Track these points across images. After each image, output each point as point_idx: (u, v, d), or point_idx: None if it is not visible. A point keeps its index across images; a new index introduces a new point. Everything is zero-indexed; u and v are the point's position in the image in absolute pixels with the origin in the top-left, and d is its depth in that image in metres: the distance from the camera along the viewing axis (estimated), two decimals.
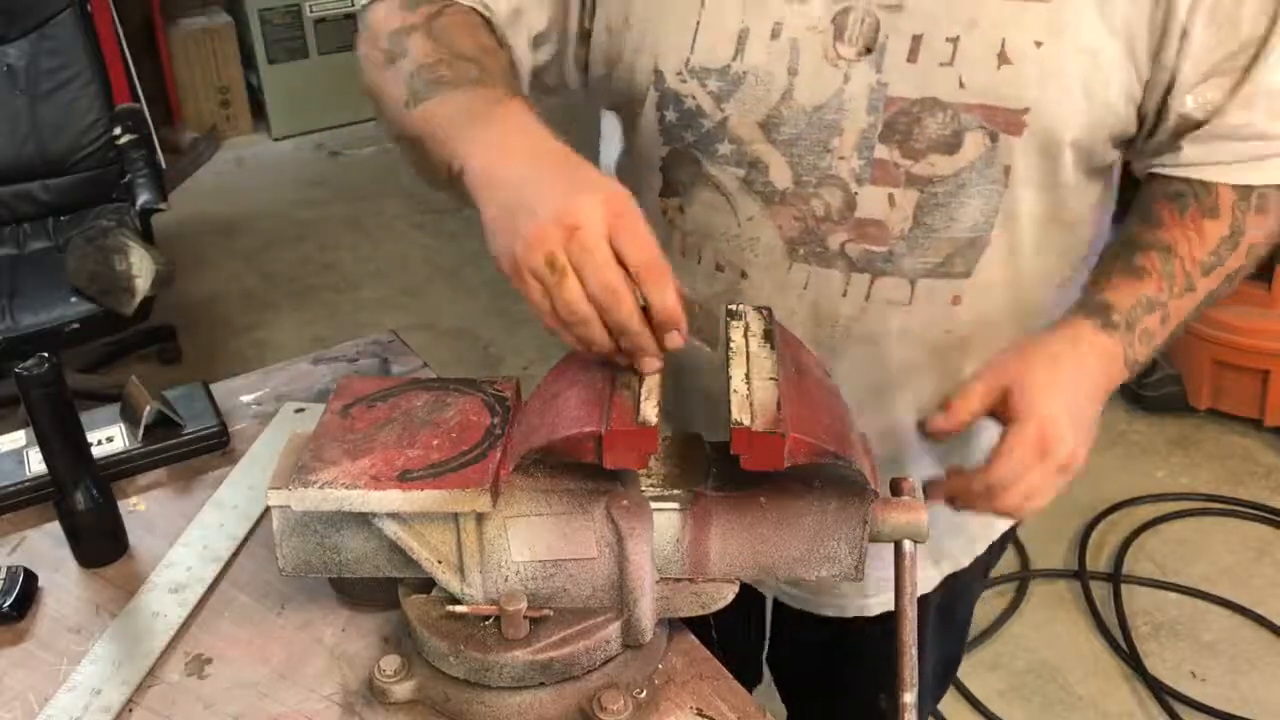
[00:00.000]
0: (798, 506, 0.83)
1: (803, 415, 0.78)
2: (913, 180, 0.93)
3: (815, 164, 0.94)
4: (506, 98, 0.84)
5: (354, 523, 0.84)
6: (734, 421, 0.76)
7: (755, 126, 0.95)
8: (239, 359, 3.31)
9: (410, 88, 0.87)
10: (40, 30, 3.05)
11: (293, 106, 4.64)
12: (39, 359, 0.94)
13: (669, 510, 0.83)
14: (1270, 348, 2.78)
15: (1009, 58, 0.88)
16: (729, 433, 0.76)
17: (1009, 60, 0.88)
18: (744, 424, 0.76)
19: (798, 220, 0.97)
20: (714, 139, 0.97)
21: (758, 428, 0.75)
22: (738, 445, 0.76)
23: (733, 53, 0.93)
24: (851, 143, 0.93)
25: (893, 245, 0.96)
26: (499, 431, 0.84)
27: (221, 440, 1.16)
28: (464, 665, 0.83)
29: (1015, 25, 0.88)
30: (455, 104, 0.84)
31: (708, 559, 0.84)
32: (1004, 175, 0.93)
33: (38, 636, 0.95)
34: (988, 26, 0.88)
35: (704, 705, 0.86)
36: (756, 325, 0.86)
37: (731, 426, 0.76)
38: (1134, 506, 2.67)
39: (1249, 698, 2.22)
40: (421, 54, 0.89)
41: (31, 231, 3.07)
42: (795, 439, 0.76)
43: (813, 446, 0.77)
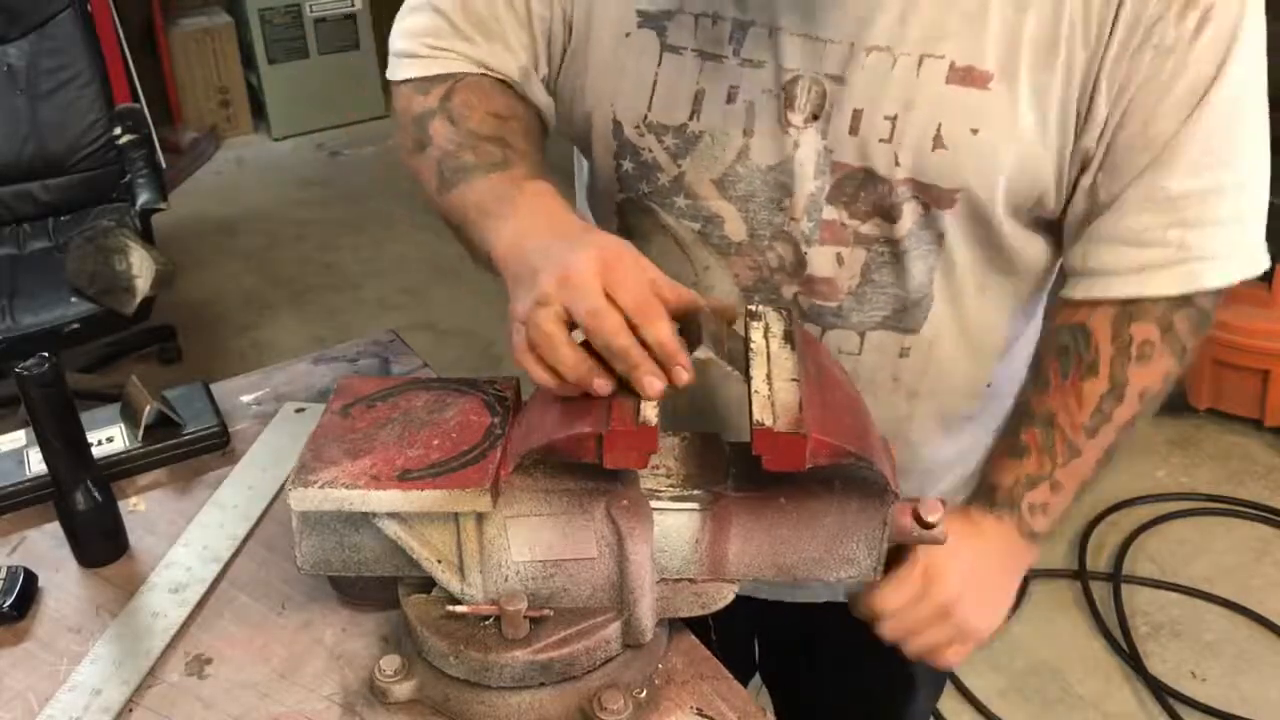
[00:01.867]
0: (818, 507, 0.83)
1: (824, 416, 0.78)
2: (860, 240, 0.96)
3: (769, 220, 0.97)
4: (526, 180, 0.89)
5: (372, 521, 0.84)
6: (756, 422, 0.76)
7: (710, 183, 0.97)
8: (239, 359, 3.31)
9: (439, 175, 0.94)
10: (40, 30, 3.05)
11: (293, 106, 4.64)
12: (39, 359, 0.94)
13: (689, 510, 0.83)
14: (1270, 348, 2.78)
15: (944, 143, 0.89)
16: (750, 433, 0.76)
17: (944, 145, 0.89)
18: (766, 424, 0.76)
19: (752, 270, 0.99)
20: (670, 192, 0.99)
21: (780, 428, 0.75)
22: (760, 446, 0.76)
23: (689, 113, 0.95)
24: (801, 205, 0.95)
25: (842, 300, 0.99)
26: (499, 431, 0.84)
27: (221, 440, 1.16)
28: (464, 665, 0.83)
29: (951, 111, 0.89)
30: (479, 192, 0.90)
31: (727, 560, 0.84)
32: (939, 239, 0.96)
33: (38, 636, 0.95)
34: (924, 110, 0.89)
35: (704, 705, 0.86)
36: (777, 326, 0.86)
37: (754, 427, 0.76)
38: (1134, 506, 2.67)
39: (1249, 698, 2.22)
40: (444, 140, 0.96)
41: (31, 231, 3.07)
42: (817, 440, 0.76)
43: (834, 447, 0.77)
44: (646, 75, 0.95)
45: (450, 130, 0.96)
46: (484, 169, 0.92)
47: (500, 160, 0.92)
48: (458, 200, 0.92)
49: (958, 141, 0.89)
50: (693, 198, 0.98)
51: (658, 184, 0.99)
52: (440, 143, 0.96)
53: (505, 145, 0.94)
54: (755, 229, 0.97)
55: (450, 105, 0.97)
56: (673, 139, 0.96)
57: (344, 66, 4.63)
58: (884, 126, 0.90)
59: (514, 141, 0.94)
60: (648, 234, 1.02)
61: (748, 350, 0.83)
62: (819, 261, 0.97)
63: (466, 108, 0.97)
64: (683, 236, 1.00)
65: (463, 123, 0.96)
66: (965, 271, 0.98)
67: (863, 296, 0.98)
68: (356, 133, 4.66)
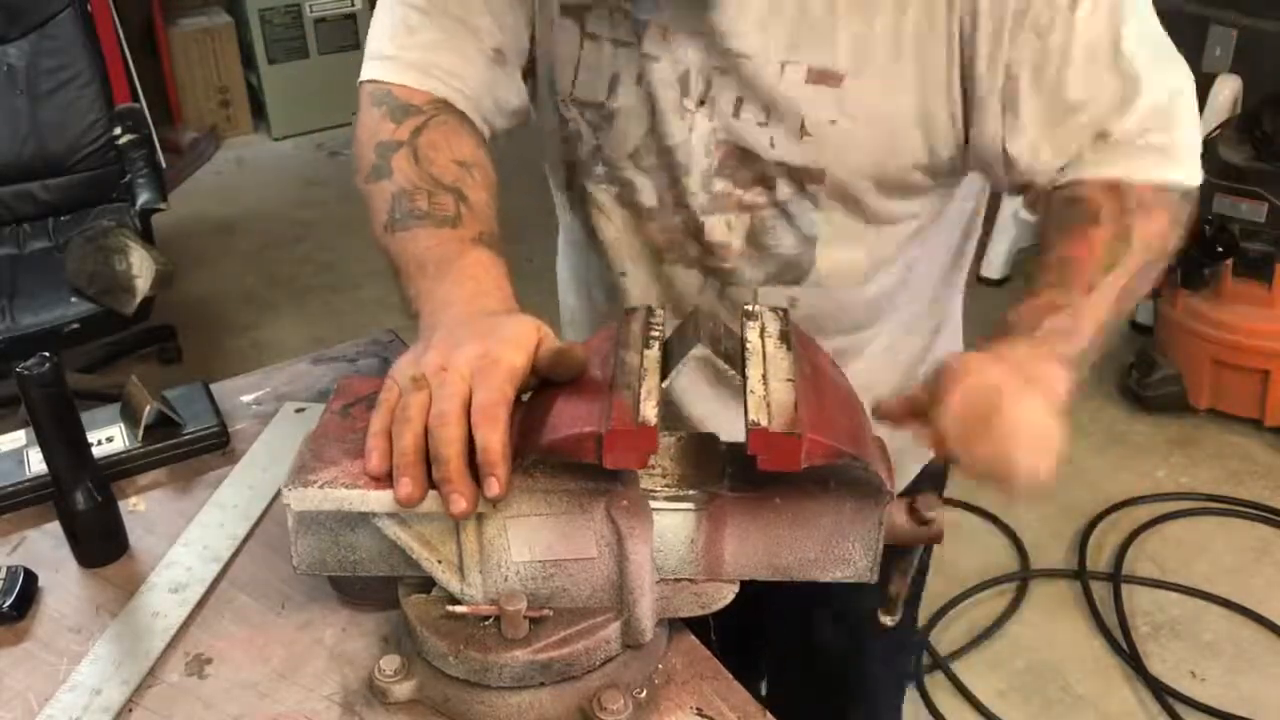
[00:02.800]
0: (813, 508, 0.82)
1: (819, 416, 0.78)
2: (744, 207, 1.08)
3: (671, 189, 1.09)
4: (468, 246, 0.94)
5: (368, 521, 0.84)
6: (751, 422, 0.76)
7: (626, 156, 1.09)
8: (239, 359, 3.31)
9: (390, 213, 0.97)
10: (40, 30, 3.05)
11: (293, 106, 4.65)
12: (39, 359, 0.94)
13: (684, 511, 0.83)
14: (1270, 348, 2.79)
15: (809, 131, 1.01)
16: (746, 433, 0.76)
17: (809, 133, 1.02)
18: (761, 424, 0.75)
19: (663, 233, 1.12)
20: (592, 161, 1.12)
21: (775, 428, 0.75)
22: (755, 446, 0.76)
23: (607, 93, 1.06)
24: (697, 180, 1.07)
25: (735, 262, 1.12)
26: None
27: (221, 440, 1.16)
28: (464, 665, 0.83)
29: (811, 106, 1.00)
30: (422, 245, 0.94)
31: (723, 560, 0.84)
32: (814, 205, 1.07)
33: (38, 636, 0.95)
34: (789, 105, 1.01)
35: (704, 705, 0.86)
36: (773, 326, 0.86)
37: (749, 427, 0.76)
38: (1134, 506, 2.67)
39: (1249, 698, 2.22)
40: (403, 178, 0.99)
41: (31, 231, 3.07)
42: (812, 440, 0.75)
43: (830, 448, 0.76)
44: (570, 57, 1.07)
45: (412, 169, 0.99)
46: (435, 221, 0.96)
47: (453, 216, 0.96)
48: (400, 245, 0.96)
49: (820, 131, 1.01)
50: (610, 165, 1.11)
51: (578, 154, 1.12)
52: (400, 179, 0.99)
53: (461, 199, 0.97)
54: (662, 197, 1.10)
55: (418, 142, 1.01)
56: (593, 114, 1.08)
57: (344, 66, 4.61)
58: (760, 114, 1.02)
59: (471, 195, 0.98)
60: (580, 193, 1.15)
61: (744, 350, 0.83)
62: (713, 229, 1.09)
63: (433, 149, 1.00)
64: (602, 200, 1.14)
65: (426, 164, 0.99)
66: (839, 230, 1.09)
67: (751, 257, 1.11)
68: None
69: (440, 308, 0.89)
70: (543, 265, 1.39)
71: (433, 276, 0.92)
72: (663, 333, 0.86)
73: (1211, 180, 2.73)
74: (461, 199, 0.98)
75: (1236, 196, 2.72)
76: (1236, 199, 2.73)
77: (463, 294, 0.89)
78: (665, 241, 1.13)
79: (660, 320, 0.88)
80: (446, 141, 1.01)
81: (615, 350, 0.83)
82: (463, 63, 1.06)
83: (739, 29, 0.99)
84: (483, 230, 0.96)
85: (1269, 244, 2.72)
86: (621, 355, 0.83)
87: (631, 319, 0.88)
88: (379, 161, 1.01)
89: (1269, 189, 2.69)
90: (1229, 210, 2.73)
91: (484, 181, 1.01)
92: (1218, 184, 2.74)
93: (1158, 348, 3.00)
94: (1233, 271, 2.76)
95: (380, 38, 1.09)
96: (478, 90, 1.07)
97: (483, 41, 1.06)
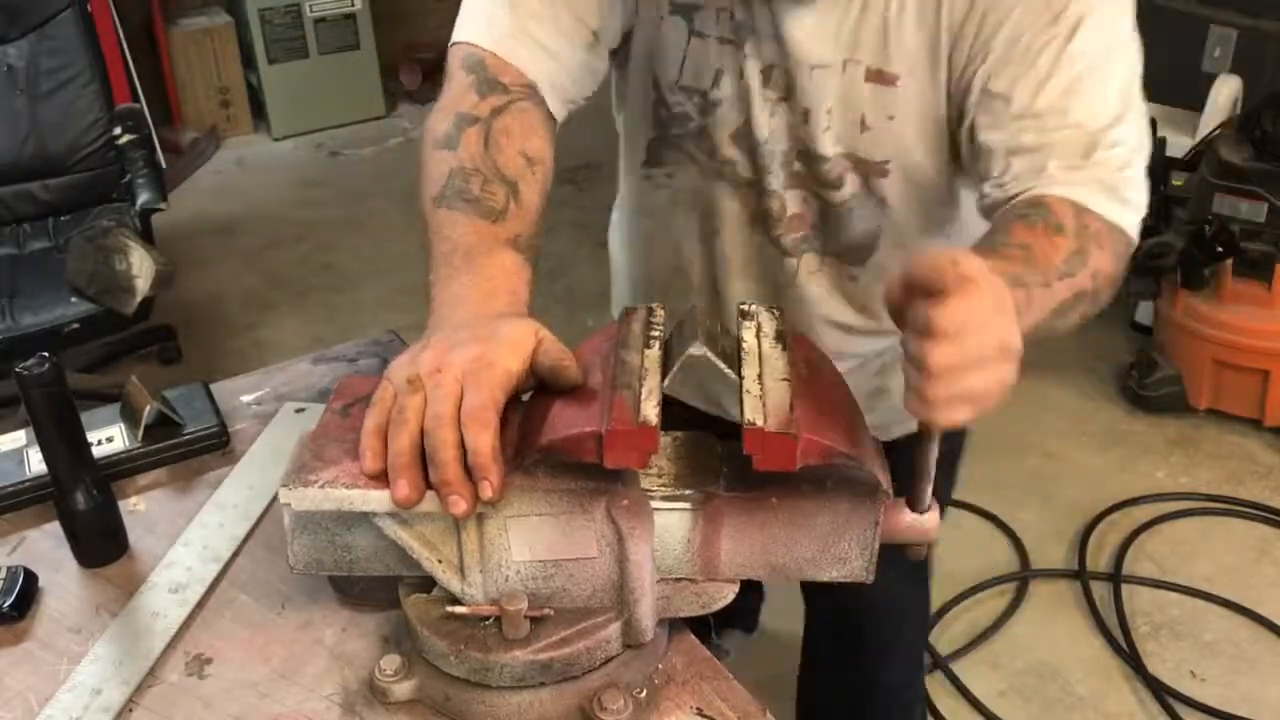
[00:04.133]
0: (809, 507, 0.82)
1: (815, 416, 0.78)
2: (815, 195, 1.20)
3: (764, 169, 1.19)
4: (499, 247, 0.96)
5: (365, 521, 0.84)
6: (747, 422, 0.76)
7: (727, 136, 1.19)
8: (239, 359, 3.31)
9: (443, 186, 1.00)
10: (41, 30, 3.05)
11: (293, 106, 4.64)
12: (39, 359, 0.94)
13: (680, 510, 0.83)
14: (1270, 348, 2.79)
15: (869, 126, 1.12)
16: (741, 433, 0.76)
17: (869, 128, 1.12)
18: (757, 424, 0.76)
19: (749, 205, 1.23)
20: (697, 136, 1.21)
21: (770, 428, 0.75)
22: (750, 445, 0.76)
23: (711, 83, 1.16)
24: (779, 160, 1.18)
25: (807, 232, 1.23)
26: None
27: (221, 440, 1.16)
28: (464, 665, 0.83)
29: (871, 105, 1.11)
30: (460, 231, 0.97)
31: (719, 559, 0.84)
32: (881, 204, 1.18)
33: (38, 636, 0.95)
34: (851, 105, 1.12)
35: (704, 705, 0.86)
36: (769, 325, 0.86)
37: (744, 427, 0.76)
38: (1134, 506, 2.67)
39: (1249, 698, 2.22)
40: (467, 156, 1.01)
41: (31, 231, 3.06)
42: (808, 440, 0.76)
43: (825, 448, 0.77)
44: (678, 49, 1.15)
45: (479, 150, 1.01)
46: (480, 210, 0.98)
47: (500, 210, 0.99)
48: (440, 222, 0.98)
49: (879, 125, 1.12)
50: (712, 143, 1.20)
51: (687, 129, 1.21)
52: (464, 156, 1.01)
53: (514, 194, 1.00)
54: (755, 174, 1.20)
55: (494, 124, 1.03)
56: (698, 99, 1.18)
57: (344, 66, 4.63)
58: (825, 119, 1.13)
59: (525, 193, 1.01)
60: (676, 163, 1.25)
61: (740, 350, 0.83)
62: (793, 203, 1.21)
63: (505, 135, 1.03)
64: (705, 168, 1.23)
65: (494, 150, 1.02)
66: (905, 223, 1.19)
67: (821, 231, 1.23)
68: (356, 133, 4.66)
69: (450, 305, 0.91)
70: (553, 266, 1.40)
71: (456, 267, 0.94)
72: (663, 332, 0.86)
73: (1211, 180, 2.76)
74: (514, 195, 1.00)
75: (1236, 196, 2.72)
76: (1236, 199, 2.72)
77: (476, 294, 0.91)
78: (755, 211, 1.23)
79: (660, 320, 0.88)
80: (520, 131, 1.04)
81: (615, 350, 0.84)
82: (560, 39, 1.09)
83: (814, 39, 1.09)
84: (521, 233, 0.99)
85: (1269, 244, 2.71)
86: (622, 355, 0.83)
87: (631, 319, 0.88)
88: (452, 131, 1.03)
89: (1269, 189, 2.69)
90: (1229, 210, 2.73)
91: (541, 182, 1.04)
92: (1218, 184, 2.74)
93: (1158, 348, 3.00)
94: (1233, 271, 2.75)
95: (481, 2, 1.11)
96: (568, 69, 1.10)
97: (583, 22, 1.10)
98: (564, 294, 3.24)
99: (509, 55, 1.08)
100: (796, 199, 1.20)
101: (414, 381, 0.80)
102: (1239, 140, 2.77)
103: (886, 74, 1.09)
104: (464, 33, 1.11)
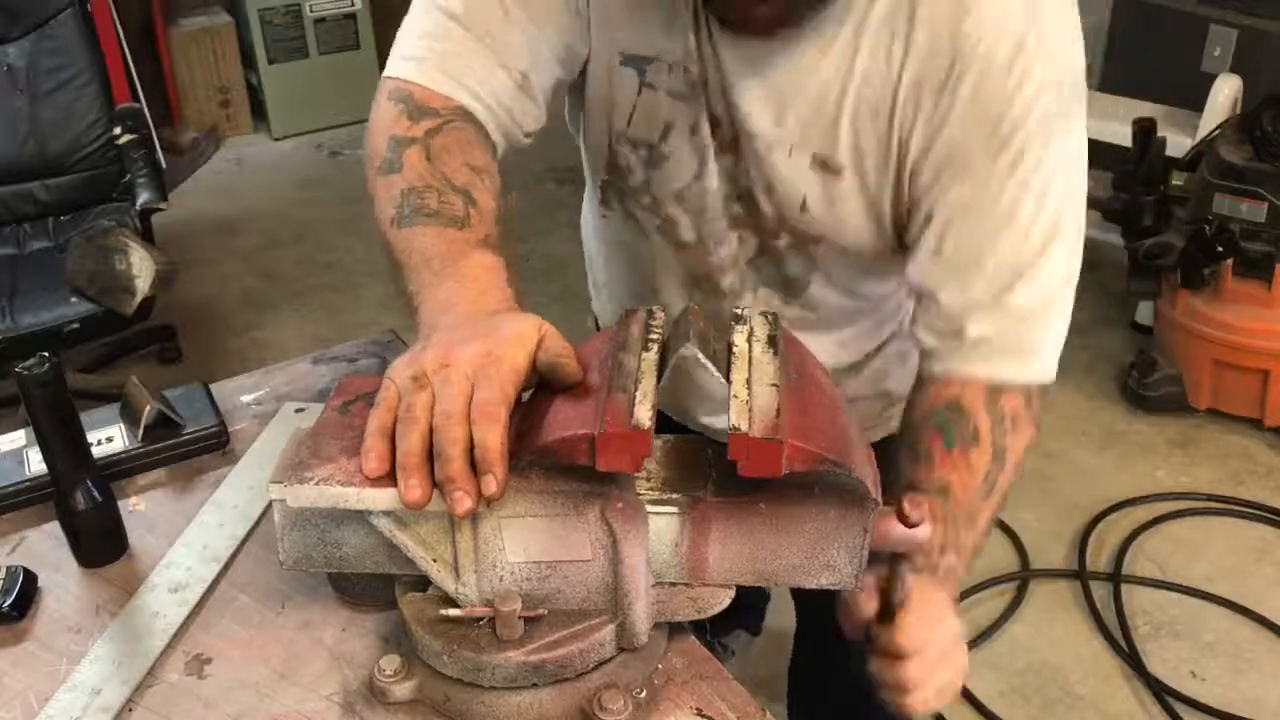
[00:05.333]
0: (798, 514, 0.82)
1: (802, 422, 0.77)
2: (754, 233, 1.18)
3: (708, 229, 1.18)
4: (474, 248, 0.94)
5: (355, 518, 0.84)
6: (732, 427, 0.75)
7: (670, 194, 1.16)
8: (239, 359, 3.31)
9: (398, 207, 0.98)
10: (41, 30, 3.05)
11: (293, 106, 4.64)
12: (39, 358, 0.94)
13: (668, 515, 0.83)
14: (1270, 348, 2.79)
15: (808, 208, 1.11)
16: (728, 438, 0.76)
17: (808, 210, 1.11)
18: (742, 430, 0.75)
19: (696, 264, 1.22)
20: (640, 193, 1.18)
21: (755, 434, 0.75)
22: (735, 451, 0.75)
23: (660, 136, 1.13)
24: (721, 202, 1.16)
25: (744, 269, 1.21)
26: None
27: (221, 440, 1.16)
28: (458, 665, 0.83)
29: (810, 188, 1.10)
30: (429, 242, 0.95)
31: (706, 564, 0.84)
32: (812, 260, 1.18)
33: (38, 636, 0.95)
34: (791, 187, 1.10)
35: (704, 705, 0.86)
36: (761, 330, 0.86)
37: (729, 432, 0.75)
38: (1134, 506, 2.67)
39: (1249, 698, 2.22)
40: (414, 175, 0.99)
41: (31, 231, 3.06)
42: (793, 446, 0.75)
43: (811, 454, 0.76)
44: (628, 101, 1.12)
45: (424, 166, 1.00)
46: (443, 220, 0.96)
47: (461, 217, 0.97)
48: (406, 241, 0.96)
49: (819, 207, 1.10)
50: (656, 201, 1.18)
51: (628, 184, 1.18)
52: (410, 175, 0.99)
53: (470, 202, 0.98)
54: (702, 235, 1.18)
55: (432, 143, 1.01)
56: (645, 152, 1.14)
57: (344, 66, 4.63)
58: (764, 185, 1.12)
59: (480, 199, 0.99)
60: (621, 214, 1.23)
61: (730, 354, 0.83)
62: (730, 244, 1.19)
63: (446, 152, 1.01)
64: (646, 226, 1.21)
65: (439, 164, 1.00)
66: (836, 278, 1.20)
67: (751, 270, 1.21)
68: (356, 133, 4.65)
69: (441, 309, 0.89)
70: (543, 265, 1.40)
71: (436, 274, 0.92)
72: (661, 335, 0.86)
73: (1211, 180, 2.76)
74: (471, 201, 0.98)
75: (1236, 196, 2.72)
76: (1236, 199, 2.73)
77: (466, 295, 0.90)
78: (695, 272, 1.22)
79: (659, 323, 0.87)
80: (460, 146, 1.02)
81: (613, 352, 0.83)
82: (489, 76, 1.06)
83: (760, 113, 1.07)
84: (488, 234, 0.97)
85: (1269, 244, 2.71)
86: (619, 357, 0.83)
87: (631, 320, 0.88)
88: (390, 155, 1.01)
89: (1269, 189, 2.69)
90: (1229, 210, 2.73)
91: (492, 189, 1.02)
92: (1218, 184, 2.74)
93: (1158, 348, 3.00)
94: (1233, 271, 2.76)
95: (410, 39, 1.09)
96: (499, 104, 1.08)
97: (511, 63, 1.07)
98: (561, 294, 3.23)
99: (437, 86, 1.06)
100: (735, 240, 1.19)
101: (420, 379, 0.79)
102: (1239, 140, 2.77)
103: (832, 163, 1.07)
104: (393, 69, 1.09)
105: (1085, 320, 1.30)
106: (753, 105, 1.07)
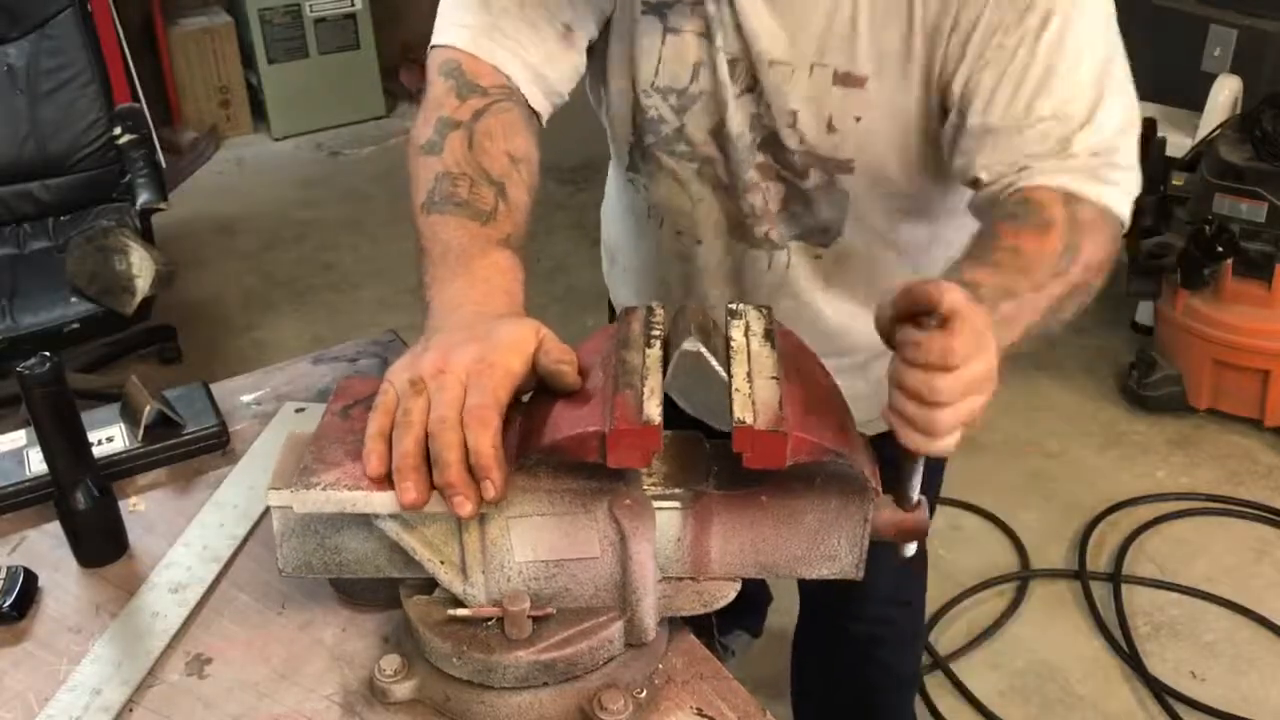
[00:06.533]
0: (799, 505, 0.83)
1: (804, 414, 0.78)
2: (781, 179, 1.19)
3: (738, 167, 1.18)
4: (491, 247, 0.96)
5: (355, 523, 0.84)
6: (737, 420, 0.76)
7: (705, 133, 1.17)
8: (239, 359, 3.31)
9: (430, 192, 1.01)
10: (41, 30, 3.05)
11: (293, 106, 4.64)
12: (40, 358, 0.94)
13: (670, 509, 0.83)
14: (1270, 348, 2.78)
15: (835, 128, 1.11)
16: (730, 431, 0.76)
17: (835, 129, 1.12)
18: (746, 422, 0.76)
19: (735, 208, 1.22)
20: (674, 140, 1.19)
21: (760, 426, 0.76)
22: (740, 444, 0.76)
23: (690, 78, 1.14)
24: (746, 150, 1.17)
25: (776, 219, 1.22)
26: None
27: (221, 440, 1.16)
28: (467, 666, 0.83)
29: (838, 105, 1.10)
30: (451, 233, 0.97)
31: (709, 558, 0.84)
32: (846, 197, 1.17)
33: (38, 636, 0.95)
34: (818, 106, 1.11)
35: (704, 705, 0.86)
36: (757, 324, 0.86)
37: (734, 425, 0.76)
38: (1134, 506, 2.67)
39: (1249, 698, 2.22)
40: (452, 160, 1.02)
41: (31, 231, 3.06)
42: (797, 438, 0.76)
43: (814, 445, 0.77)
44: (652, 50, 1.14)
45: (464, 154, 1.02)
46: (470, 212, 0.98)
47: (488, 211, 0.99)
48: (432, 228, 0.99)
49: (846, 126, 1.11)
50: (690, 143, 1.19)
51: (662, 134, 1.19)
52: (449, 161, 1.02)
53: (502, 195, 1.01)
54: (730, 175, 1.19)
55: (476, 127, 1.04)
56: (674, 99, 1.16)
57: (344, 66, 4.63)
58: (789, 117, 1.12)
59: (512, 193, 1.02)
60: (654, 172, 1.24)
61: (728, 348, 0.83)
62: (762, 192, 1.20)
63: (488, 137, 1.04)
64: (682, 175, 1.22)
65: (478, 152, 1.03)
66: (871, 215, 1.19)
67: (784, 218, 1.22)
68: (356, 133, 4.66)
69: (448, 307, 0.91)
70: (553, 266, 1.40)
71: (450, 269, 0.94)
72: (663, 332, 0.86)
73: (1211, 180, 2.76)
74: (502, 195, 1.01)
75: (1236, 196, 2.72)
76: (1236, 199, 2.72)
77: (473, 296, 0.91)
78: (732, 221, 1.23)
79: (660, 320, 0.88)
80: (503, 131, 1.05)
81: (616, 350, 0.84)
82: (533, 34, 1.10)
83: (774, 38, 1.08)
84: (511, 232, 0.99)
85: (1269, 244, 2.71)
86: (623, 355, 0.83)
87: (632, 318, 0.88)
88: (435, 136, 1.04)
89: (1269, 189, 2.69)
90: (1229, 210, 2.73)
91: (527, 180, 1.05)
92: (1218, 184, 2.74)
93: (1158, 348, 3.00)
94: (1233, 271, 2.75)
95: (455, 4, 1.12)
96: (544, 63, 1.11)
97: (555, 15, 1.11)
98: (564, 294, 3.24)
99: (484, 54, 1.09)
100: (765, 188, 1.20)
101: (417, 383, 0.81)
102: (1239, 140, 2.77)
103: (854, 76, 1.08)
104: (440, 36, 1.12)
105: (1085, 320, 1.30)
106: (766, 29, 1.08)
